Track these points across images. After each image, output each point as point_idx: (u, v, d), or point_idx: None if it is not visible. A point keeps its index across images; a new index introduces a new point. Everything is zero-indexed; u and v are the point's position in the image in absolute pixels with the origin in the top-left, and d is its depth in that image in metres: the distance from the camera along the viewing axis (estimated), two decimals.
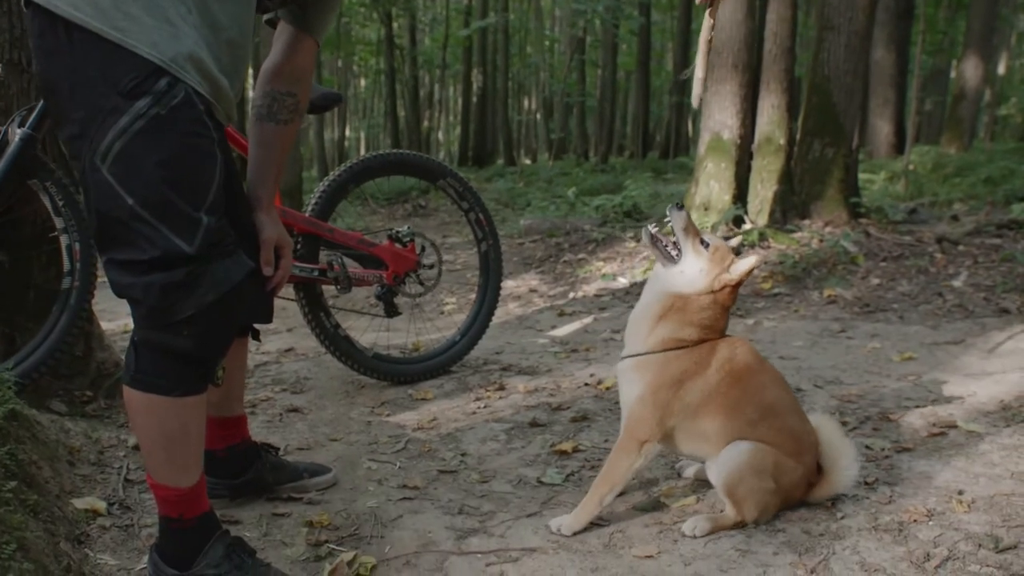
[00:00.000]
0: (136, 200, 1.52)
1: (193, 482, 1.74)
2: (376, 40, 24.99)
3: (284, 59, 1.98)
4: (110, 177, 1.52)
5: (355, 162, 3.20)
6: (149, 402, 1.65)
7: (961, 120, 13.82)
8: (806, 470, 2.06)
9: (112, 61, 1.50)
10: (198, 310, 1.58)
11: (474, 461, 2.49)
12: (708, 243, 2.01)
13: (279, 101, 1.99)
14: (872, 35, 6.74)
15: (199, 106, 1.58)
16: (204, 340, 1.64)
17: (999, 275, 4.88)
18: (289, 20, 1.99)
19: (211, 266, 1.59)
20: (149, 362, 1.64)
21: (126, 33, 1.49)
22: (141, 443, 1.73)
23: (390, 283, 3.17)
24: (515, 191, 12.11)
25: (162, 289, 1.55)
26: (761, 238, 5.68)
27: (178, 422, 1.68)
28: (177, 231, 1.55)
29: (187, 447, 1.72)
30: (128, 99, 1.50)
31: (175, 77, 1.53)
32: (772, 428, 2.01)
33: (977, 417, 2.75)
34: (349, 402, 3.11)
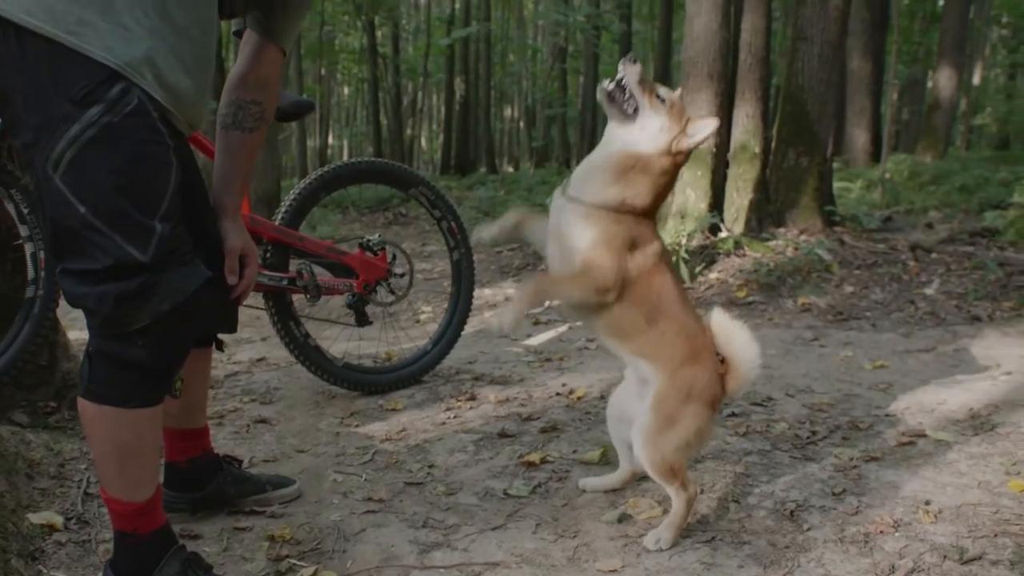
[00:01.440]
0: (88, 209, 1.50)
1: (147, 496, 1.71)
2: (359, 48, 24.96)
3: (249, 67, 1.96)
4: (62, 186, 1.50)
5: (326, 170, 3.18)
6: (102, 414, 1.62)
7: (936, 129, 13.97)
8: (709, 370, 1.98)
9: (65, 67, 1.47)
10: (153, 320, 1.56)
11: (441, 473, 2.47)
12: (663, 98, 1.92)
13: (244, 109, 1.97)
14: (845, 45, 6.80)
15: (153, 113, 1.56)
16: (159, 350, 1.62)
17: (971, 283, 4.92)
18: (254, 28, 1.97)
19: (166, 275, 1.57)
20: (103, 373, 1.61)
21: (80, 37, 1.47)
22: (95, 455, 1.71)
23: (360, 292, 3.15)
24: (496, 199, 12.10)
25: (116, 299, 1.53)
26: (737, 246, 5.70)
27: (132, 434, 1.65)
28: (130, 239, 1.52)
29: (141, 460, 1.69)
30: (80, 107, 1.48)
31: (129, 83, 1.51)
32: (668, 330, 1.96)
33: (946, 426, 2.75)
34: (318, 413, 3.08)
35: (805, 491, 2.25)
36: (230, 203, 2.00)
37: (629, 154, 1.91)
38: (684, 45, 6.38)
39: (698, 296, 5.16)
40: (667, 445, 1.93)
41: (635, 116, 1.91)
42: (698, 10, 6.11)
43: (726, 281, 5.32)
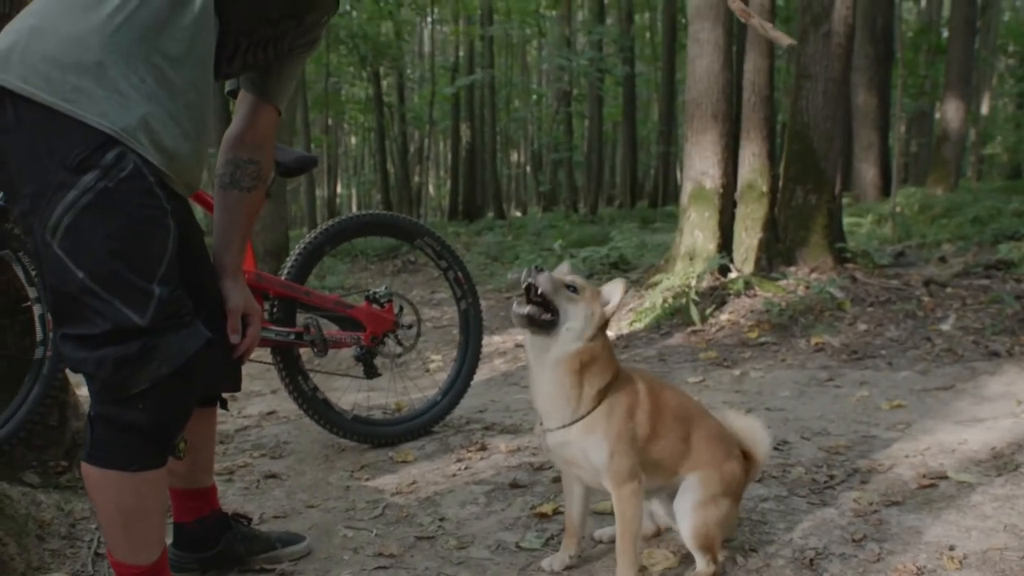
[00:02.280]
0: (86, 274, 1.51)
1: (153, 559, 1.70)
2: (365, 98, 25.33)
3: (245, 127, 1.98)
4: (60, 252, 1.51)
5: (331, 224, 3.18)
6: (105, 477, 1.61)
7: (946, 161, 13.97)
8: (740, 464, 2.06)
9: (60, 134, 1.49)
10: (153, 383, 1.56)
11: (452, 526, 2.43)
12: (574, 286, 1.91)
13: (241, 168, 1.98)
14: (849, 81, 6.83)
15: (149, 177, 1.57)
16: (160, 413, 1.61)
17: (988, 317, 4.86)
18: (249, 88, 1.99)
19: (165, 338, 1.57)
20: (104, 437, 1.61)
21: (75, 104, 1.49)
22: (100, 520, 1.70)
23: (368, 344, 3.13)
24: (504, 244, 12.13)
25: (115, 363, 1.53)
26: (747, 286, 5.67)
27: (136, 498, 1.64)
28: (129, 303, 1.53)
29: (146, 523, 1.68)
30: (76, 173, 1.49)
31: (124, 148, 1.52)
32: (700, 439, 2.02)
33: (968, 467, 2.69)
34: (328, 466, 3.05)
35: (824, 538, 2.19)
36: (230, 262, 2.00)
37: (573, 355, 1.88)
38: (687, 86, 6.43)
39: (709, 338, 5.12)
40: (711, 518, 1.96)
41: (558, 320, 1.88)
42: (700, 51, 6.17)
43: (737, 322, 5.28)
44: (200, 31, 1.67)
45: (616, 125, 27.10)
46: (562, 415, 1.93)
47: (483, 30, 20.36)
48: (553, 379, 1.91)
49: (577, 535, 2.11)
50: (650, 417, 1.96)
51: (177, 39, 1.62)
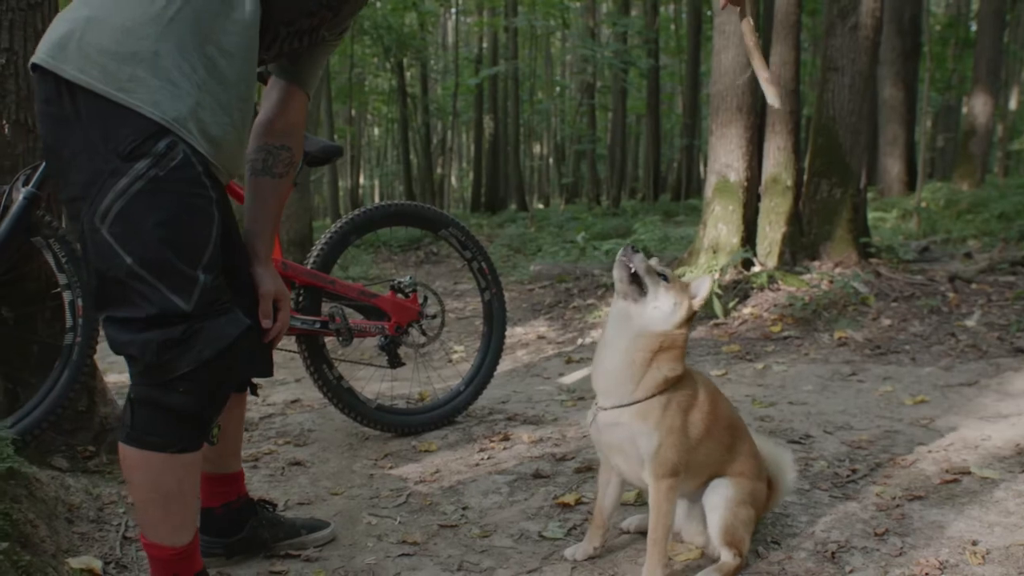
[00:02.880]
0: (135, 259, 1.55)
1: (187, 541, 1.74)
2: (388, 90, 25.40)
3: (276, 113, 2.01)
4: (109, 237, 1.55)
5: (357, 214, 3.21)
6: (144, 459, 1.66)
7: (972, 156, 13.79)
8: (765, 486, 2.10)
9: (114, 123, 1.53)
10: (194, 367, 1.60)
11: (475, 515, 2.45)
12: (666, 275, 1.97)
13: (274, 155, 2.01)
14: (876, 75, 6.77)
15: (197, 166, 1.61)
16: (200, 397, 1.65)
17: (1013, 314, 4.82)
18: (280, 75, 2.01)
19: (208, 323, 1.61)
20: (145, 419, 1.65)
21: (130, 93, 1.53)
22: (136, 501, 1.74)
23: (392, 334, 3.16)
24: (526, 236, 12.13)
25: (159, 346, 1.58)
26: (770, 280, 5.64)
27: (173, 479, 1.68)
28: (175, 289, 1.57)
29: (182, 505, 1.72)
30: (127, 161, 1.53)
31: (175, 138, 1.57)
32: (742, 451, 2.06)
33: (992, 463, 2.68)
34: (352, 454, 3.09)
35: (846, 532, 2.20)
36: (261, 248, 2.03)
37: (655, 335, 1.93)
38: (712, 79, 6.40)
39: (732, 332, 5.12)
40: (741, 516, 1.99)
41: (645, 297, 1.94)
42: (726, 44, 6.13)
43: (760, 316, 5.27)
44: (251, 23, 1.71)
45: (640, 118, 27.00)
46: (620, 395, 1.95)
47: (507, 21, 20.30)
48: (626, 354, 1.94)
49: (604, 527, 2.13)
50: (705, 420, 1.98)
51: (229, 31, 1.66)
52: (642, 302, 1.93)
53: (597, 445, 2.10)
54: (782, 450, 2.27)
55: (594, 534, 2.13)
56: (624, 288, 1.95)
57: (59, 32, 1.58)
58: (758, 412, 3.40)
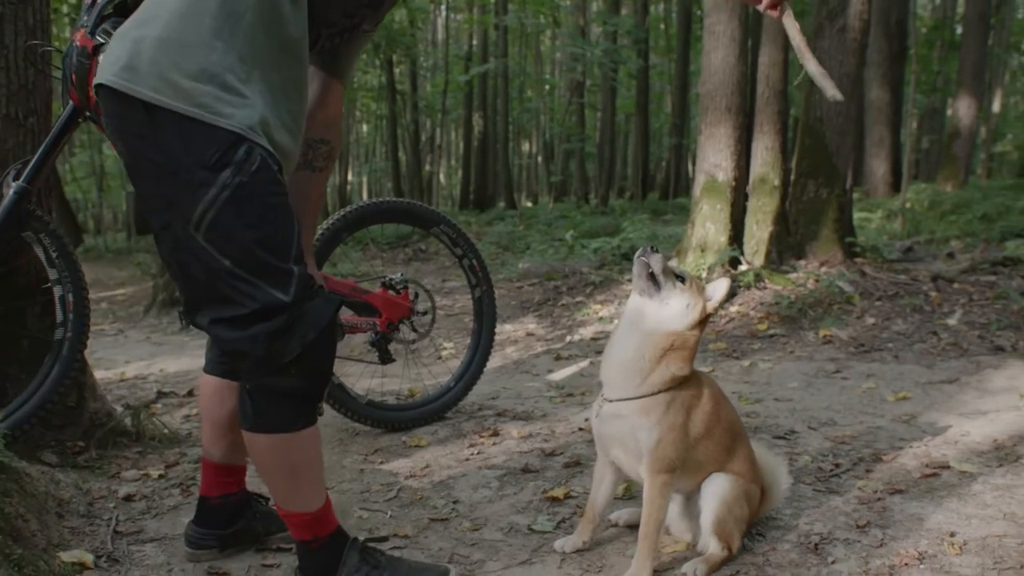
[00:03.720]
0: (232, 262, 1.66)
1: (322, 503, 1.89)
2: (377, 86, 25.31)
3: (317, 106, 2.04)
4: (205, 244, 1.66)
5: (348, 211, 3.23)
6: (273, 442, 1.79)
7: (956, 158, 13.92)
8: (759, 490, 2.15)
9: (194, 137, 1.62)
10: (303, 350, 1.71)
11: (466, 509, 2.48)
12: (683, 276, 2.02)
13: (314, 149, 2.06)
14: (863, 77, 6.83)
15: (273, 167, 1.71)
16: (311, 375, 1.78)
17: (994, 313, 4.89)
18: (320, 66, 2.04)
19: (306, 307, 1.72)
20: (265, 406, 1.78)
21: (206, 109, 1.62)
22: (269, 481, 1.86)
23: (384, 330, 3.18)
24: (515, 234, 12.16)
25: (268, 337, 1.69)
26: (757, 279, 5.70)
27: (301, 454, 1.82)
28: (274, 284, 1.68)
29: (313, 473, 1.86)
30: (213, 171, 1.63)
31: (251, 144, 1.66)
32: (740, 454, 2.10)
33: (970, 457, 2.74)
34: (342, 450, 3.11)
35: (829, 524, 2.24)
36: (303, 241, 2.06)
37: (667, 333, 1.98)
38: (702, 79, 6.44)
39: (719, 329, 5.16)
40: (734, 511, 2.04)
41: (660, 294, 1.99)
42: (715, 44, 6.18)
43: (747, 314, 5.32)
44: (300, 33, 1.80)
45: (629, 117, 27.03)
46: (626, 388, 2.00)
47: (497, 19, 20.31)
48: (638, 349, 1.99)
49: (595, 522, 2.16)
50: (706, 420, 2.03)
51: (285, 41, 1.75)
52: (657, 300, 1.99)
53: (597, 437, 2.13)
54: (778, 460, 2.32)
55: (584, 528, 2.17)
56: (641, 285, 2.00)
57: (125, 52, 1.65)
58: (744, 409, 3.45)
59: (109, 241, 17.18)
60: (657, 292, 1.98)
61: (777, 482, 2.24)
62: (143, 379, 4.64)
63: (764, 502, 2.21)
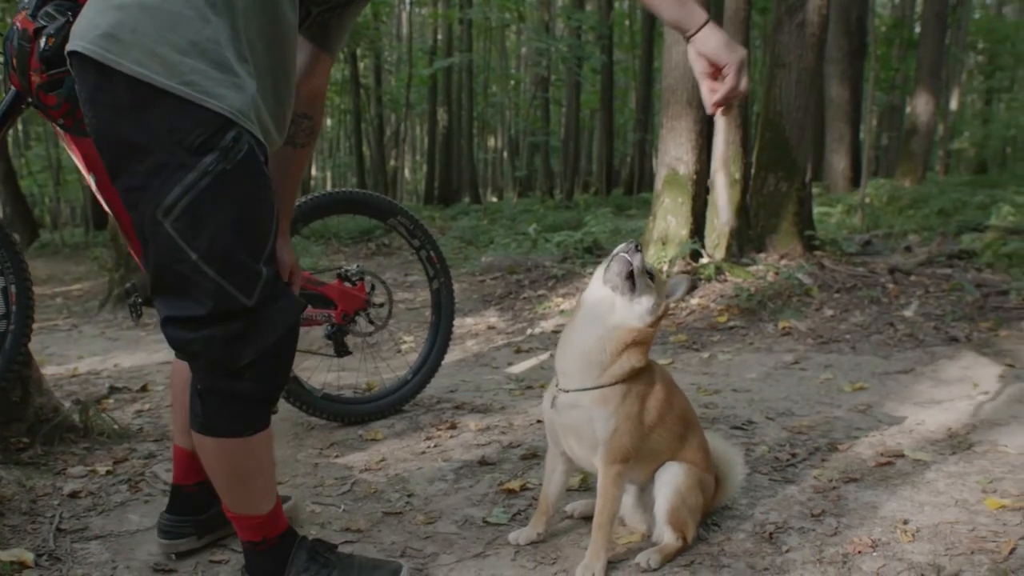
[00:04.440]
0: (200, 255, 1.53)
1: (272, 505, 1.80)
2: (341, 80, 25.12)
3: (302, 79, 1.94)
4: (173, 232, 1.52)
5: (303, 201, 3.17)
6: (223, 446, 1.69)
7: (914, 154, 14.16)
8: (713, 479, 2.14)
9: (179, 116, 1.49)
10: (259, 354, 1.61)
11: (420, 502, 2.45)
12: (652, 273, 2.01)
13: (296, 124, 1.96)
14: (822, 72, 6.90)
15: (260, 156, 1.60)
16: (267, 379, 1.68)
17: (949, 304, 4.96)
18: (308, 38, 1.96)
19: (268, 311, 1.62)
20: (217, 408, 1.67)
21: (194, 87, 1.49)
22: (217, 483, 1.76)
23: (339, 322, 3.13)
24: (479, 229, 12.13)
25: (223, 342, 1.58)
26: (718, 272, 5.72)
27: (252, 458, 1.72)
28: (238, 285, 1.56)
29: (264, 476, 1.77)
30: (196, 155, 1.50)
31: (240, 129, 1.54)
32: (692, 443, 2.10)
33: (924, 446, 2.76)
34: (297, 444, 3.06)
35: (784, 513, 2.25)
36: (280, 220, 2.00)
37: (631, 329, 1.96)
38: (664, 73, 6.46)
39: (680, 322, 5.18)
40: (688, 501, 2.03)
41: (634, 295, 1.97)
42: (677, 39, 6.17)
43: (708, 307, 5.34)
44: (296, 14, 1.70)
45: (594, 112, 27.13)
46: (585, 378, 1.97)
47: (462, 13, 20.25)
48: (599, 342, 1.96)
49: (548, 513, 2.14)
50: (659, 409, 2.02)
51: (279, 18, 1.65)
52: (628, 298, 1.96)
53: (550, 427, 2.10)
54: (734, 450, 2.32)
55: (538, 520, 2.14)
56: (617, 282, 1.97)
57: (108, 21, 1.49)
58: (703, 400, 3.45)
59: (67, 236, 16.85)
60: (631, 292, 1.96)
61: (733, 472, 2.24)
62: (96, 374, 4.54)
63: (720, 492, 2.21)
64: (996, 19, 29.11)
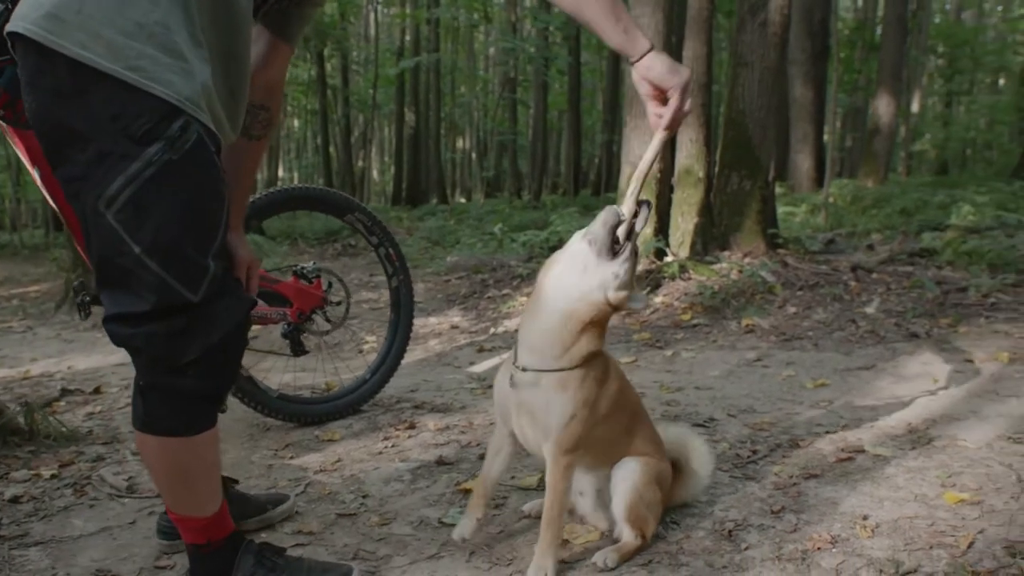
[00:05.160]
0: (143, 248, 1.46)
1: (217, 507, 1.73)
2: (308, 80, 24.91)
3: (259, 68, 1.88)
4: (116, 224, 1.46)
5: (258, 197, 3.10)
6: (164, 445, 1.62)
7: (877, 155, 14.34)
8: (670, 468, 2.10)
9: (124, 103, 1.42)
10: (204, 351, 1.55)
11: (375, 503, 2.39)
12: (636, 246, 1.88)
13: (252, 115, 1.90)
14: (785, 71, 6.93)
15: (210, 147, 1.53)
16: (212, 377, 1.61)
17: (910, 301, 4.99)
18: (267, 25, 1.90)
19: (214, 307, 1.55)
20: (158, 406, 1.60)
21: (141, 72, 1.42)
22: (158, 483, 1.71)
23: (295, 321, 3.06)
24: (445, 229, 12.07)
25: (165, 338, 1.52)
26: (682, 270, 5.72)
27: (195, 459, 1.65)
28: (183, 280, 1.50)
29: (209, 478, 1.70)
30: (139, 144, 1.43)
31: (189, 118, 1.47)
32: (643, 435, 2.05)
33: (885, 441, 2.76)
34: (252, 445, 2.98)
35: (744, 510, 2.22)
36: (234, 214, 1.93)
37: (596, 303, 1.82)
38: (628, 72, 6.43)
39: (643, 320, 5.16)
40: (646, 497, 1.98)
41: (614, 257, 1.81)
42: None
43: (671, 304, 5.33)
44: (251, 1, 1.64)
45: (562, 114, 27.15)
46: (546, 358, 1.86)
47: (429, 13, 20.16)
48: (563, 317, 1.82)
49: (487, 496, 2.05)
50: (612, 397, 1.95)
51: (232, 4, 1.59)
52: (607, 259, 1.80)
53: (502, 406, 1.98)
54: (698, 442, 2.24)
55: (476, 504, 2.04)
56: (601, 234, 1.79)
57: (52, 0, 1.42)
58: (665, 397, 3.43)
59: (26, 238, 16.48)
60: (610, 253, 1.80)
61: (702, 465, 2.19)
62: (49, 377, 4.42)
63: (683, 483, 2.18)
64: (955, 24, 29.63)
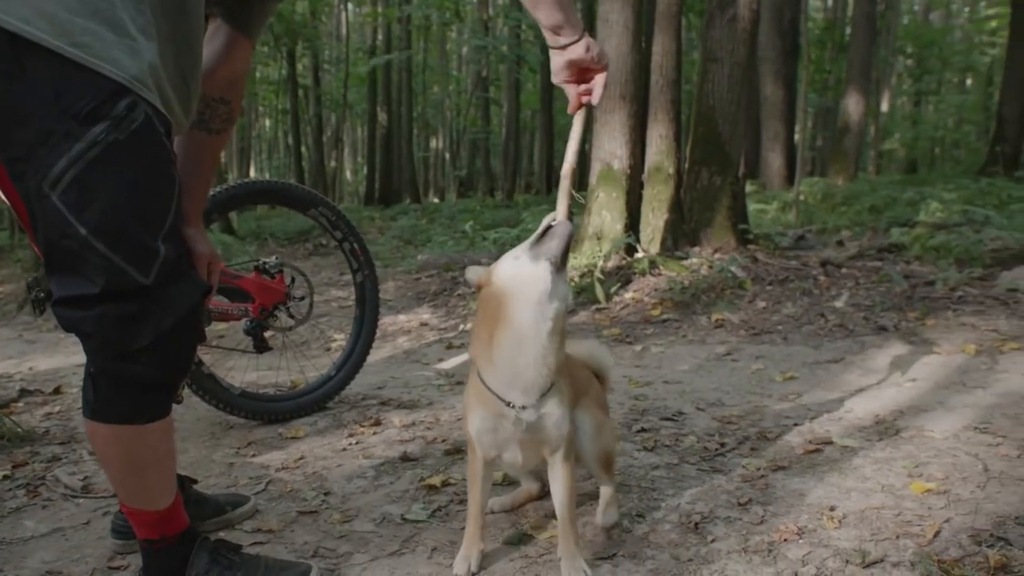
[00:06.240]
0: (90, 230, 1.41)
1: (171, 501, 1.68)
2: (279, 79, 24.71)
3: (219, 62, 1.84)
4: (61, 205, 1.40)
5: (219, 191, 3.02)
6: (114, 433, 1.57)
7: (847, 153, 14.46)
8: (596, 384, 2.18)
9: (68, 81, 1.37)
10: (156, 337, 1.49)
11: (337, 500, 2.34)
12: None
13: (211, 108, 1.86)
14: (754, 67, 6.96)
15: (159, 127, 1.48)
16: (164, 364, 1.56)
17: (878, 295, 5.02)
18: (228, 19, 1.85)
19: (167, 291, 1.50)
20: (108, 392, 1.55)
21: (86, 49, 1.37)
22: (109, 473, 1.66)
23: (257, 316, 3.00)
24: (417, 228, 12.00)
25: (115, 321, 1.47)
26: (652, 266, 5.71)
27: (147, 448, 1.60)
28: (132, 262, 1.45)
29: (160, 469, 1.65)
30: (84, 124, 1.38)
31: (136, 98, 1.42)
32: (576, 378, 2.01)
33: (852, 432, 2.75)
34: (214, 443, 2.92)
35: (711, 503, 2.20)
36: (193, 208, 1.88)
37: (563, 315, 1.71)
38: None
39: (614, 316, 5.14)
40: (607, 438, 2.05)
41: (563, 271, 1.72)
42: (609, 32, 6.17)
43: (641, 300, 5.32)
44: None
45: (535, 113, 27.13)
46: (543, 384, 1.73)
47: (400, 11, 20.05)
48: (548, 343, 1.69)
49: (484, 528, 1.93)
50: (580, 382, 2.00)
51: None
52: (562, 274, 1.72)
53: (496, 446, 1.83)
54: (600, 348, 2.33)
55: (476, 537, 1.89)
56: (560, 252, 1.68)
57: None
58: (634, 392, 3.41)
59: None
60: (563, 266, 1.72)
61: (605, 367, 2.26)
62: (8, 378, 4.31)
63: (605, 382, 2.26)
64: (923, 25, 30.03)
